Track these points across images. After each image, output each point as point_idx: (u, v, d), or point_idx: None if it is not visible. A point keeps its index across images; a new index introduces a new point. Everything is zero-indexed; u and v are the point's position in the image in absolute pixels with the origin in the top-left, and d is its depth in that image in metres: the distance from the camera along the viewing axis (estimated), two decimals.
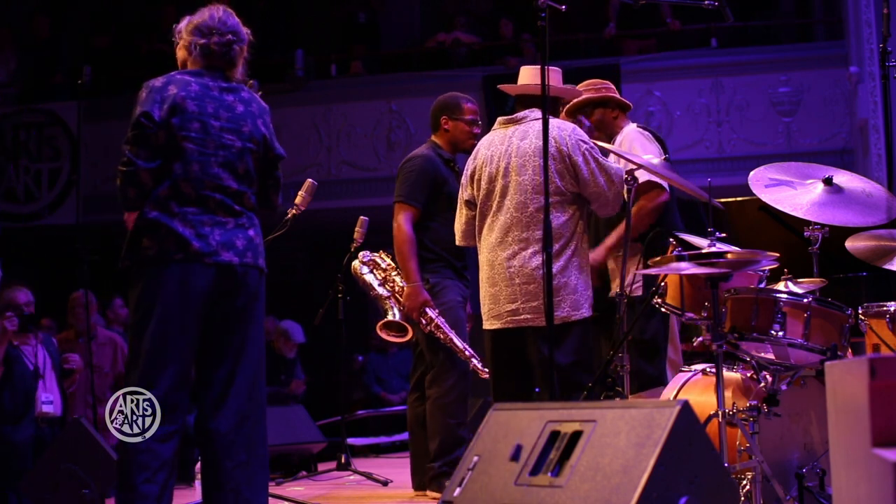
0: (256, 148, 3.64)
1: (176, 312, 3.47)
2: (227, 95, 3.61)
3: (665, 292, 4.09)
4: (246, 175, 3.61)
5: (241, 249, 3.53)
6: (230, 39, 3.65)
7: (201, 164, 3.52)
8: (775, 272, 4.17)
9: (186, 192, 3.50)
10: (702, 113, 10.31)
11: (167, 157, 3.50)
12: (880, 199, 4.12)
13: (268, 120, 3.73)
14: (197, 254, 3.46)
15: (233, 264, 3.51)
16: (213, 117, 3.56)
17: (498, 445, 3.01)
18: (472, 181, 4.48)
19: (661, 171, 4.27)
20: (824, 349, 3.74)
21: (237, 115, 3.61)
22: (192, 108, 3.52)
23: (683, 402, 2.74)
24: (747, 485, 3.70)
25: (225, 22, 3.68)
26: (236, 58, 3.68)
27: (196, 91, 3.55)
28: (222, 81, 3.63)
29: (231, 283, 3.52)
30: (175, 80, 3.58)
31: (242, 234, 3.56)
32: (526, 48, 11.26)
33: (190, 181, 3.51)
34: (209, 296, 3.50)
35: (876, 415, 2.01)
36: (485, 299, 4.39)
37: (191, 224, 3.48)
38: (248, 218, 3.60)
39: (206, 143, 3.53)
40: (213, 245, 3.48)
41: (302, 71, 11.12)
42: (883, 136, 8.46)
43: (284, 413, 7.61)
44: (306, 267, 12.27)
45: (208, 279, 3.49)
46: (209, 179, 3.52)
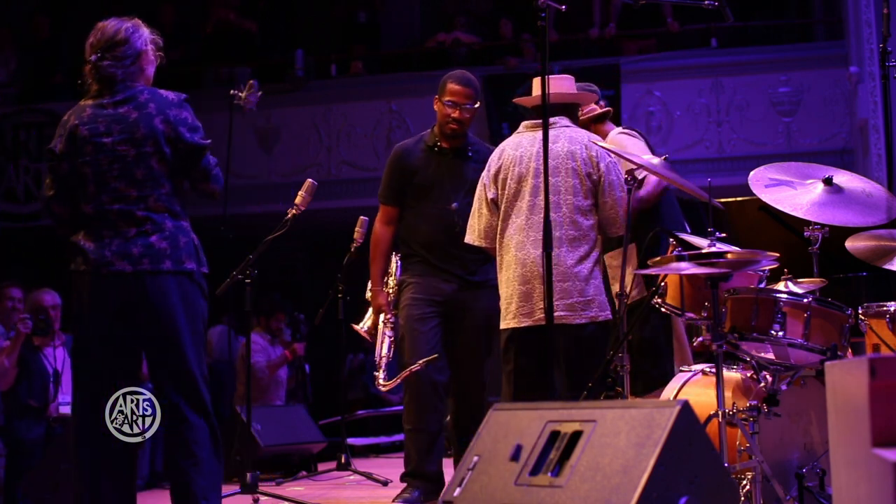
0: (154, 149, 3.67)
1: (87, 325, 3.67)
2: (120, 108, 3.69)
3: (665, 292, 4.09)
4: (147, 179, 3.67)
5: (136, 257, 3.61)
6: (107, 54, 3.71)
7: (97, 183, 3.65)
8: (775, 272, 4.17)
9: (87, 212, 3.67)
10: (702, 113, 10.31)
11: (71, 184, 3.69)
12: (880, 199, 4.12)
13: (172, 114, 3.72)
14: (95, 265, 3.61)
15: (124, 272, 3.60)
16: (105, 135, 3.67)
17: (498, 445, 3.01)
18: (497, 181, 4.47)
19: (661, 171, 4.27)
20: (824, 349, 3.73)
21: (129, 123, 3.67)
22: (84, 133, 3.67)
23: (683, 402, 2.74)
24: (747, 485, 3.70)
25: (103, 36, 3.75)
26: (124, 66, 3.72)
27: (88, 115, 3.70)
28: (118, 95, 3.71)
29: (130, 291, 3.61)
30: (76, 109, 3.75)
31: (142, 242, 3.63)
32: (526, 48, 11.27)
33: (89, 201, 3.66)
34: (113, 306, 3.62)
35: (876, 415, 2.01)
36: (513, 297, 4.35)
37: (92, 238, 3.65)
38: (155, 223, 3.65)
39: (99, 161, 3.65)
40: (108, 256, 3.61)
41: (302, 71, 11.13)
42: (883, 136, 8.46)
43: (284, 413, 7.62)
44: (306, 267, 12.27)
45: (108, 289, 3.62)
46: (107, 194, 3.65)
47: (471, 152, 5.04)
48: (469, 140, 5.08)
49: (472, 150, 5.05)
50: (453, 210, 4.94)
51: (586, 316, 4.25)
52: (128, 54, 3.73)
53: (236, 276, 5.29)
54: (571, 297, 4.25)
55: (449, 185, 4.98)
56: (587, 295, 4.27)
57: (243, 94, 5.60)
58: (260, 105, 5.77)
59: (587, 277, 4.28)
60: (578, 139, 4.38)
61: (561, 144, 4.36)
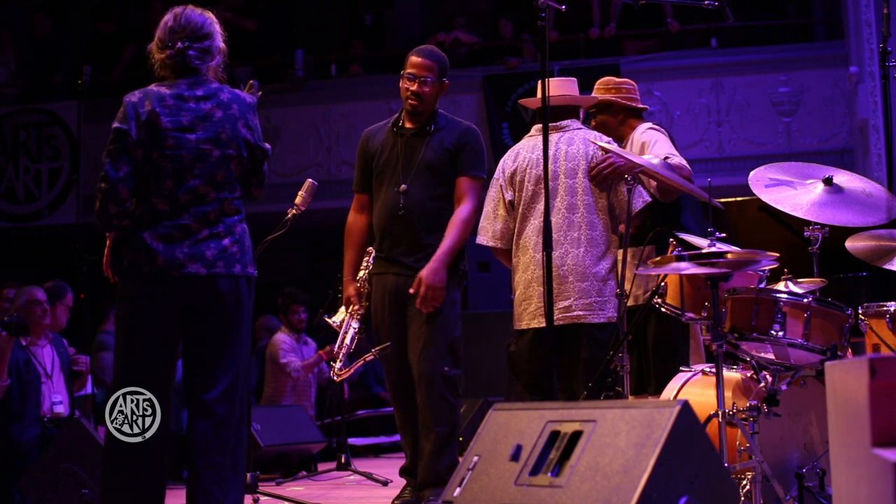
0: (237, 153, 3.60)
1: (143, 325, 3.54)
2: (203, 104, 3.57)
3: (665, 292, 4.10)
4: (226, 182, 3.58)
5: (210, 260, 3.53)
6: (194, 45, 3.59)
7: (176, 178, 3.52)
8: (775, 272, 4.17)
9: (160, 208, 3.53)
10: (702, 113, 10.31)
11: (143, 174, 3.53)
12: (880, 199, 4.12)
13: (251, 118, 3.67)
14: (163, 266, 3.50)
15: (200, 275, 3.51)
16: (189, 130, 3.53)
17: (498, 445, 3.01)
18: (514, 183, 4.53)
19: (661, 171, 4.27)
20: (824, 349, 3.73)
21: (215, 122, 3.56)
22: (167, 124, 3.51)
23: (683, 402, 2.74)
24: (747, 485, 3.70)
25: (188, 24, 3.62)
26: (206, 61, 3.63)
27: (171, 105, 3.54)
28: (198, 89, 3.59)
29: (201, 293, 3.54)
30: (150, 94, 3.56)
31: (215, 244, 3.54)
32: (526, 48, 11.27)
33: (164, 197, 3.53)
34: (178, 307, 3.54)
35: (876, 415, 2.01)
36: (531, 298, 4.40)
37: (162, 238, 3.51)
38: (227, 226, 3.58)
39: (181, 158, 3.52)
40: (180, 258, 3.50)
41: (302, 71, 11.13)
42: (883, 136, 8.46)
43: (284, 413, 7.62)
44: (306, 267, 12.27)
45: (175, 291, 3.52)
46: (184, 193, 3.52)
47: (434, 129, 4.70)
48: (437, 118, 4.75)
49: (435, 128, 4.71)
50: (401, 192, 4.65)
51: (604, 315, 4.33)
52: (211, 49, 3.64)
53: None
54: (590, 297, 4.33)
55: (402, 167, 4.69)
56: (604, 295, 4.34)
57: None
58: (260, 105, 5.75)
59: (605, 277, 4.36)
60: (588, 140, 4.46)
61: (576, 146, 4.45)
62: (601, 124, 4.84)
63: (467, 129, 4.76)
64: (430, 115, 4.73)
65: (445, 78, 4.80)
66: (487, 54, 11.30)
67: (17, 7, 12.31)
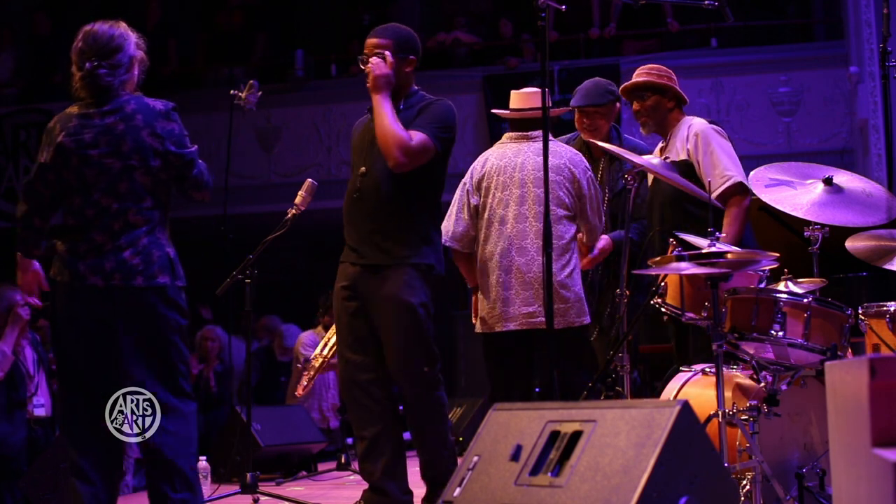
0: (140, 163, 3.59)
1: (63, 334, 3.64)
2: (108, 119, 3.61)
3: (665, 292, 4.10)
4: (130, 192, 3.59)
5: (108, 272, 3.56)
6: (103, 62, 3.63)
7: (82, 195, 3.60)
8: (775, 272, 4.17)
9: (70, 223, 3.63)
10: (702, 113, 10.27)
11: (57, 195, 3.64)
12: (880, 199, 4.12)
13: (160, 126, 3.63)
14: (71, 277, 3.58)
15: (97, 287, 3.56)
16: (92, 146, 3.59)
17: (498, 445, 3.01)
18: (480, 188, 4.60)
19: (661, 171, 4.27)
20: (824, 349, 3.73)
21: (116, 135, 3.60)
22: (70, 145, 3.60)
23: (683, 402, 2.74)
24: (747, 485, 3.70)
25: (95, 42, 3.66)
26: (118, 75, 3.64)
27: (75, 126, 3.62)
28: (106, 105, 3.63)
29: (103, 306, 3.57)
30: (62, 118, 3.67)
31: (114, 257, 3.57)
32: (526, 48, 11.27)
33: (73, 213, 3.62)
34: (86, 318, 3.59)
35: (876, 415, 2.01)
36: (495, 302, 4.49)
37: (70, 251, 3.61)
38: (130, 238, 3.59)
39: (84, 174, 3.59)
40: (82, 270, 3.57)
41: (302, 71, 11.14)
42: (883, 136, 8.46)
43: (284, 413, 7.61)
44: (306, 267, 12.28)
45: (82, 302, 3.59)
46: (90, 208, 3.59)
47: (403, 108, 4.38)
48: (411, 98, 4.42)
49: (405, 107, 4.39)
50: (359, 175, 4.39)
51: (564, 321, 4.42)
52: (122, 62, 3.65)
53: (236, 276, 5.30)
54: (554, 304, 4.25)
55: (365, 150, 4.42)
56: (568, 301, 4.47)
57: (243, 94, 5.60)
58: (260, 105, 5.77)
59: (565, 284, 4.46)
60: (561, 153, 4.56)
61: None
62: (654, 107, 4.76)
63: (434, 100, 4.41)
64: (399, 95, 4.39)
65: (411, 53, 4.42)
66: (487, 54, 11.31)
67: (17, 7, 12.32)
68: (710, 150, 4.53)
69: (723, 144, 4.58)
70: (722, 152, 4.54)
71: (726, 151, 4.56)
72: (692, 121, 4.72)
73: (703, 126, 4.64)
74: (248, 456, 5.55)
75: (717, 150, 4.53)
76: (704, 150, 4.54)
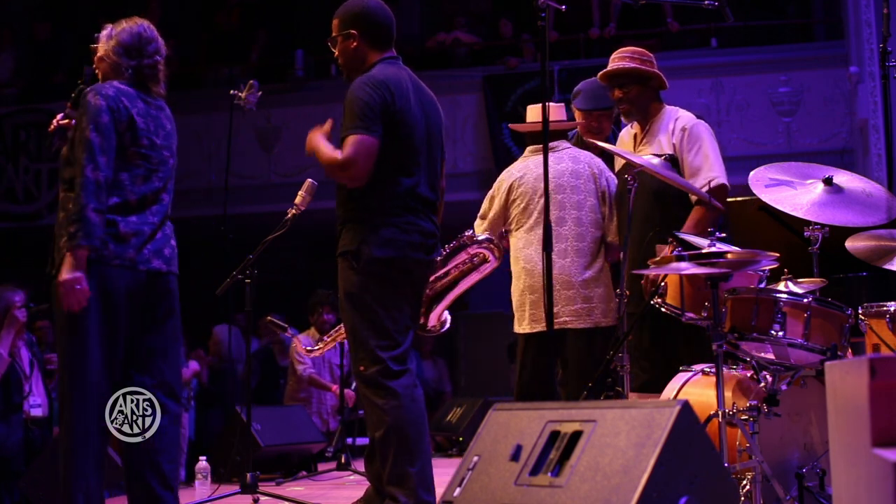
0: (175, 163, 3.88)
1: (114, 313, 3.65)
2: (159, 114, 3.81)
3: (665, 292, 4.09)
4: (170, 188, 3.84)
5: (167, 257, 3.75)
6: (157, 60, 3.83)
7: (145, 178, 3.71)
8: (775, 272, 4.17)
9: (130, 199, 3.68)
10: (702, 113, 10.29)
11: (119, 168, 3.68)
12: (880, 199, 4.12)
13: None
14: (132, 260, 3.64)
15: (161, 272, 3.72)
16: (155, 135, 3.76)
17: (498, 445, 3.01)
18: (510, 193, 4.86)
19: (661, 171, 4.27)
20: (824, 349, 3.73)
21: (168, 132, 3.83)
22: (142, 125, 3.72)
23: (683, 402, 2.74)
24: (747, 485, 3.70)
25: (150, 40, 3.85)
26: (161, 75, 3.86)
27: (142, 108, 3.74)
28: (151, 99, 3.81)
29: (159, 288, 3.71)
30: (123, 93, 3.72)
31: (170, 244, 3.79)
32: (526, 48, 11.27)
33: (135, 192, 3.69)
34: (139, 299, 3.67)
35: (876, 415, 2.01)
36: (524, 305, 4.78)
37: (130, 231, 3.65)
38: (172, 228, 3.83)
39: (151, 159, 3.74)
40: (146, 253, 3.67)
41: (302, 71, 11.14)
42: (883, 136, 8.46)
43: (284, 413, 7.61)
44: (306, 267, 12.27)
45: (139, 284, 3.66)
46: (150, 192, 3.72)
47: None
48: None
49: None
50: None
51: (590, 321, 4.69)
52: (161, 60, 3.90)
53: (236, 276, 5.30)
54: (575, 304, 4.69)
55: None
56: (592, 302, 4.70)
57: (243, 94, 5.61)
58: (260, 105, 5.78)
59: (589, 284, 4.71)
60: (581, 158, 4.86)
61: (565, 164, 4.82)
62: (638, 95, 4.68)
63: (351, 88, 3.93)
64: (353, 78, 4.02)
65: (352, 28, 4.05)
66: (487, 54, 11.31)
67: (18, 7, 12.32)
68: (700, 148, 4.56)
69: (712, 143, 4.63)
70: (711, 151, 4.58)
71: (714, 151, 4.60)
72: (678, 113, 4.72)
73: (691, 121, 4.65)
74: (248, 456, 5.55)
75: (706, 148, 4.57)
76: (693, 146, 4.56)
